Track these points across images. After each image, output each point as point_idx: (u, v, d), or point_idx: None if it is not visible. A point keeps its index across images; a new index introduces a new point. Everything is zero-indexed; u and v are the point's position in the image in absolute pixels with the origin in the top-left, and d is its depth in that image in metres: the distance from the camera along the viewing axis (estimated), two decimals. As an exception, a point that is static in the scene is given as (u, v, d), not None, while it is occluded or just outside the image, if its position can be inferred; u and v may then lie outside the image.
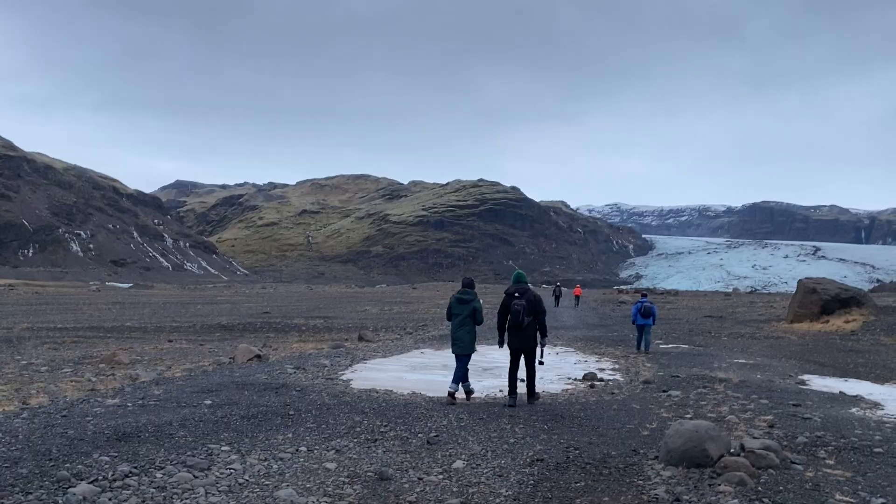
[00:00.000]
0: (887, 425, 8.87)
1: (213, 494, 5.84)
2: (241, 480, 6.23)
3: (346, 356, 15.99)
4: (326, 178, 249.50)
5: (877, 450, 7.49)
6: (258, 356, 15.08)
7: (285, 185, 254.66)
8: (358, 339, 21.22)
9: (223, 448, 7.15)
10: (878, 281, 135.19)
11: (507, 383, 10.32)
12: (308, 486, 6.19)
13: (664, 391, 11.50)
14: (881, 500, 5.84)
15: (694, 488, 6.15)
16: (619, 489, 6.24)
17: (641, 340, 18.78)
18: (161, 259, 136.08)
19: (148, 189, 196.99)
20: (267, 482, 6.23)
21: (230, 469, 6.49)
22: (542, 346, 10.28)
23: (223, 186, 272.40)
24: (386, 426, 8.48)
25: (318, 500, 5.86)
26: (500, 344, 10.31)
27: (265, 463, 6.77)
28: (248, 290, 79.49)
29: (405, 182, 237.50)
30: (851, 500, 5.82)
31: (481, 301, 10.51)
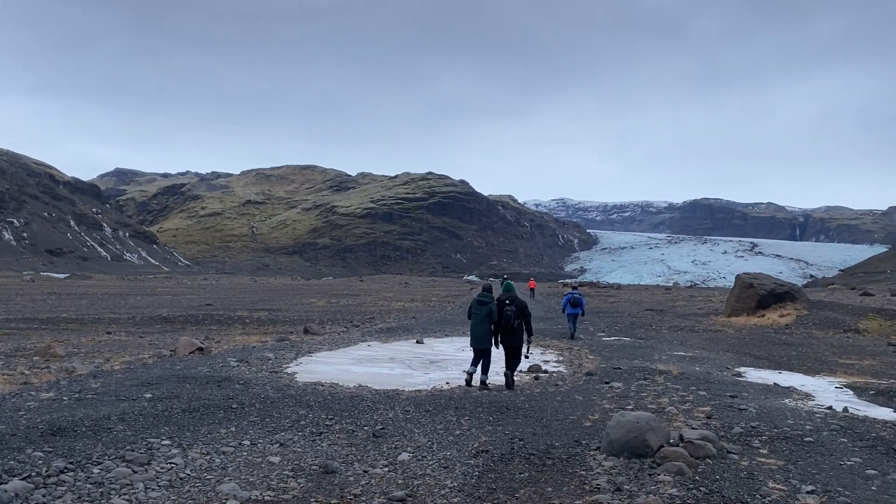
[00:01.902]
0: (817, 415, 9.23)
1: (153, 489, 5.72)
2: (182, 475, 6.11)
3: (291, 349, 15.82)
4: (272, 168, 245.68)
5: (807, 439, 7.79)
6: (200, 349, 14.80)
7: (229, 175, 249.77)
8: (303, 331, 21.01)
9: (164, 442, 7.01)
10: (811, 276, 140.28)
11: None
12: (251, 479, 6.11)
13: (606, 383, 11.72)
14: (811, 487, 6.08)
15: (635, 478, 6.29)
16: (562, 479, 6.35)
17: (573, 328, 20.91)
18: (99, 249, 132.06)
19: (86, 177, 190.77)
20: (209, 476, 6.13)
21: (171, 463, 6.37)
22: (529, 343, 11.92)
23: (165, 175, 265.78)
24: (331, 419, 8.44)
25: (261, 493, 5.79)
26: (496, 344, 11.57)
27: (207, 457, 6.66)
28: (190, 282, 77.87)
29: (353, 174, 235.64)
30: (783, 488, 6.04)
31: (496, 304, 11.68)
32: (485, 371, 11.44)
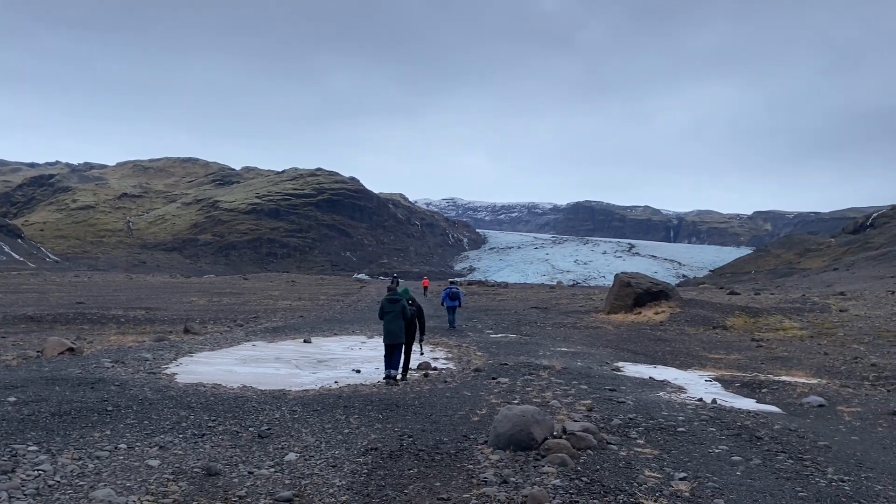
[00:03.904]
0: (689, 407, 9.79)
1: (19, 498, 5.34)
2: (50, 482, 5.74)
3: (171, 349, 15.19)
4: (151, 161, 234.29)
5: (680, 429, 8.25)
6: (71, 349, 13.94)
7: (104, 166, 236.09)
8: (183, 331, 20.21)
9: (30, 448, 6.56)
10: (683, 276, 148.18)
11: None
12: (128, 484, 5.83)
13: (493, 378, 11.95)
14: (683, 474, 6.45)
15: (520, 470, 6.45)
16: (450, 474, 6.42)
17: (452, 319, 23.41)
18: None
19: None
20: (81, 483, 5.79)
21: (38, 470, 5.97)
22: (421, 340, 13.36)
23: (32, 165, 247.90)
24: (214, 420, 8.17)
25: (139, 499, 5.53)
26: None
27: (79, 462, 6.29)
28: (60, 279, 73.10)
29: (238, 168, 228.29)
30: (658, 476, 6.38)
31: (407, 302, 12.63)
32: (396, 367, 12.07)
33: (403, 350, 12.37)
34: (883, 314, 24.62)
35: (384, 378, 11.93)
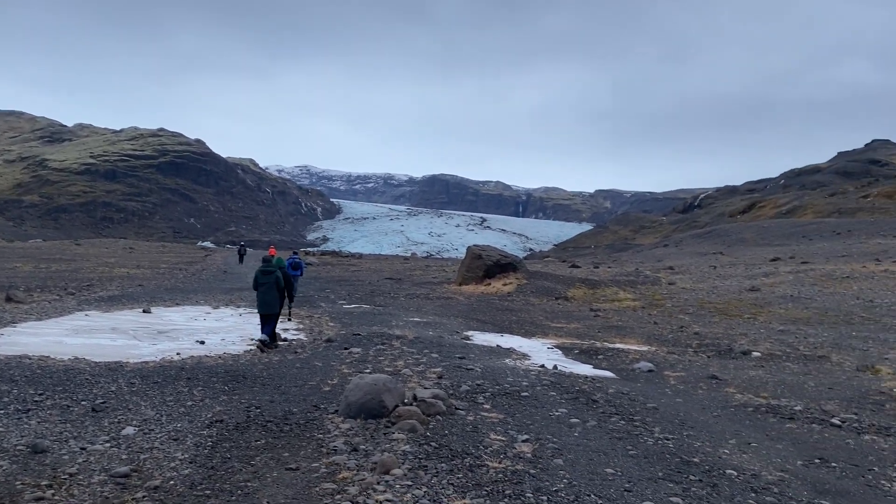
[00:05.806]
0: (532, 373, 10.25)
1: None
2: None
3: (-9, 319, 13.88)
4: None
5: (524, 394, 8.62)
6: None
7: None
8: (5, 299, 18.50)
9: None
10: (530, 250, 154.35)
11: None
12: (-63, 467, 5.28)
13: (346, 348, 11.92)
14: (525, 436, 6.76)
15: (371, 437, 6.49)
16: (299, 444, 6.35)
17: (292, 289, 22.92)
18: None
19: None
20: None
21: None
22: (290, 306, 14.24)
23: None
24: (41, 395, 7.58)
25: (-50, 482, 5.03)
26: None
27: None
28: None
29: (70, 124, 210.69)
30: (502, 439, 6.63)
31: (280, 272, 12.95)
32: (270, 332, 12.33)
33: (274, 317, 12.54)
34: (706, 287, 26.88)
35: (257, 343, 12.04)
